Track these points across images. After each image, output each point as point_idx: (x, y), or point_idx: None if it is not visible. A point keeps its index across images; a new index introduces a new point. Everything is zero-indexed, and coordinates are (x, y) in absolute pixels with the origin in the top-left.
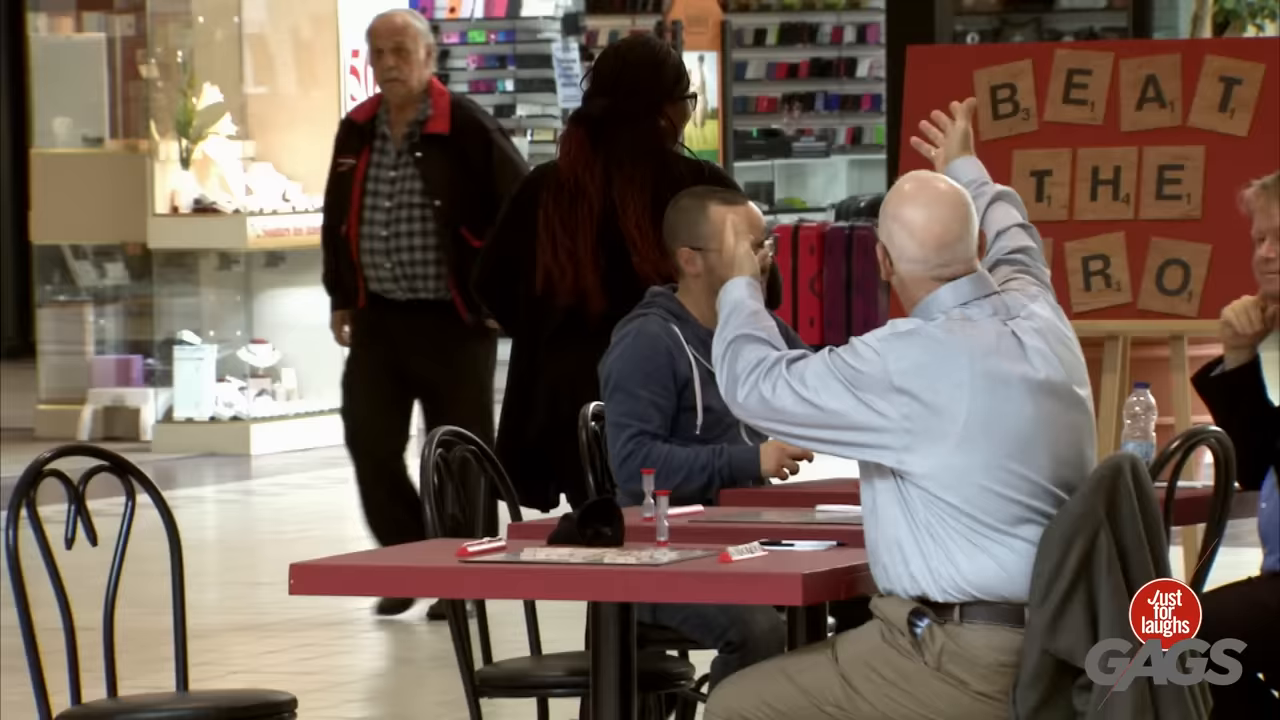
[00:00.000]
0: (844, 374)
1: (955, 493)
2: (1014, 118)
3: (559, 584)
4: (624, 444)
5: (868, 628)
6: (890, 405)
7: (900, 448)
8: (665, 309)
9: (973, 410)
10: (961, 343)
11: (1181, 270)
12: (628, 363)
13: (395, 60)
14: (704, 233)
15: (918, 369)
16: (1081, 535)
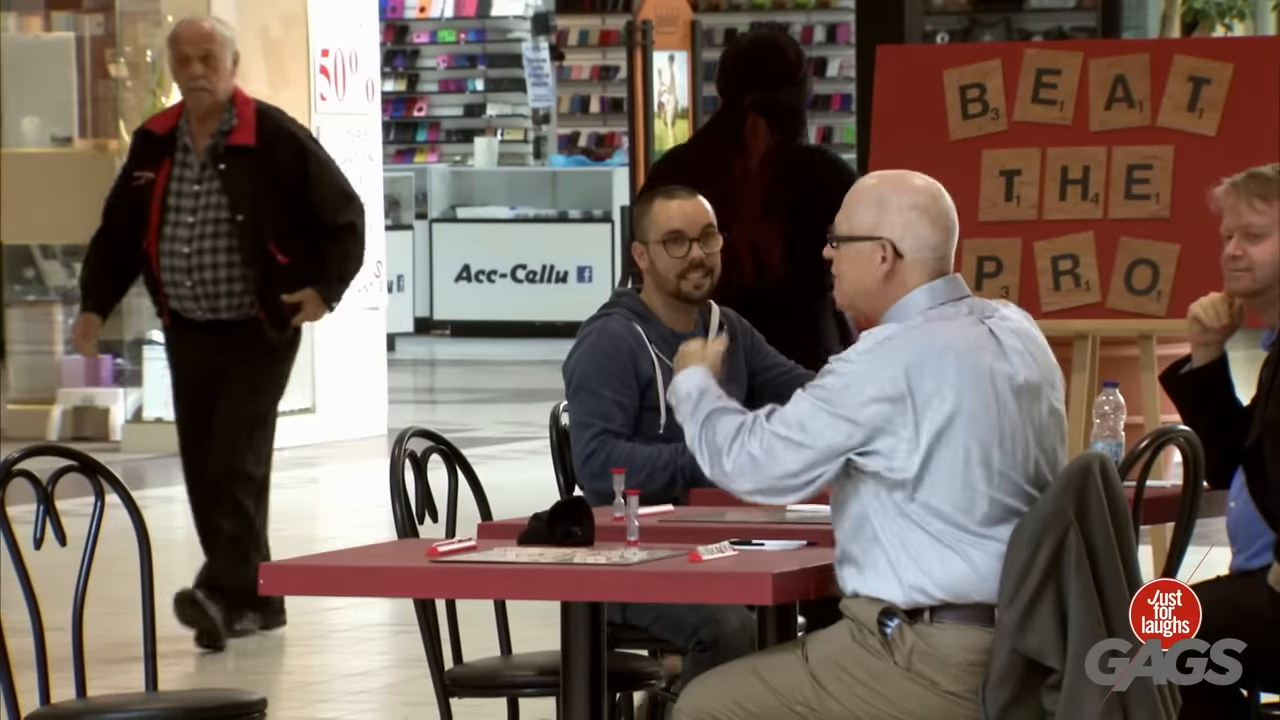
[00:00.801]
0: (830, 401)
1: (940, 492)
2: (983, 117)
3: (529, 584)
4: (587, 443)
5: (838, 627)
6: (882, 411)
7: (889, 450)
8: (629, 308)
9: (958, 407)
10: (946, 340)
11: (1150, 270)
12: (590, 362)
13: (203, 69)
14: (645, 227)
15: (906, 370)
16: (1051, 534)
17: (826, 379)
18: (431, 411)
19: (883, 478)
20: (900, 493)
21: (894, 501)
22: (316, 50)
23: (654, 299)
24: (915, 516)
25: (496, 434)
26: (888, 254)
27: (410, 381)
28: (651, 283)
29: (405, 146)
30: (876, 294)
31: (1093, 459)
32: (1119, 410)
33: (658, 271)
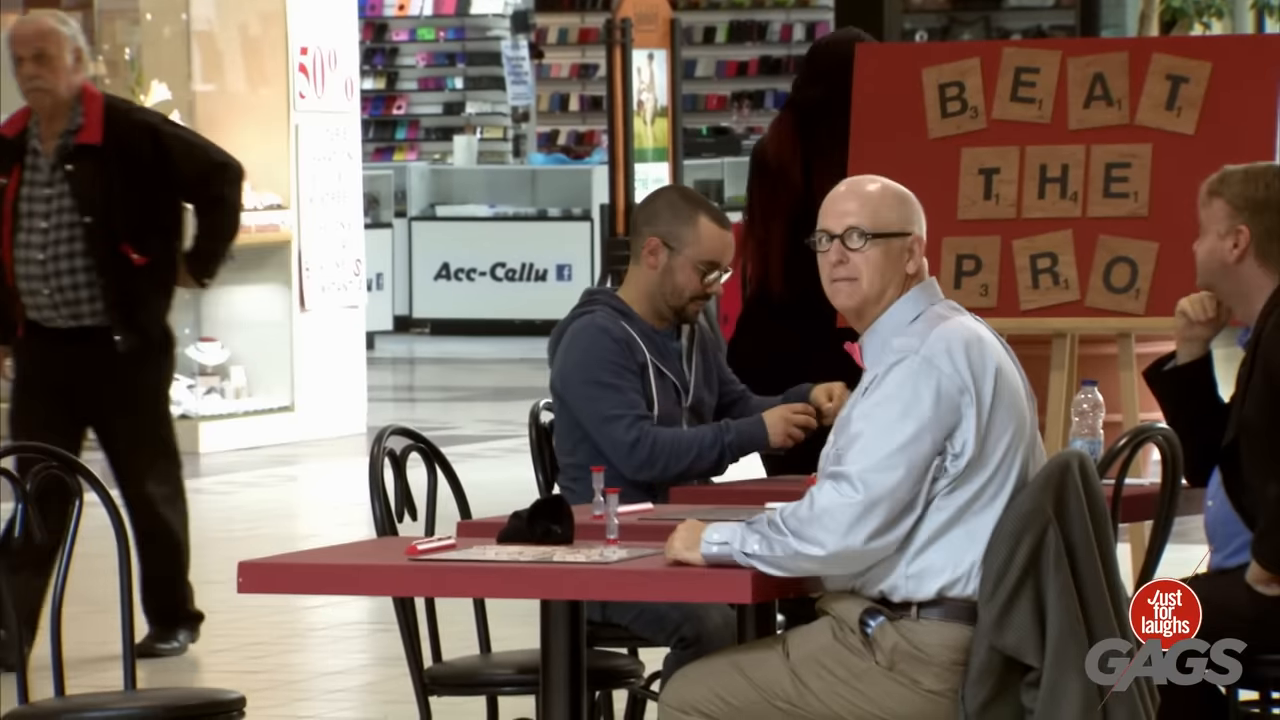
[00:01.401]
0: (905, 445)
1: (979, 469)
2: (962, 116)
3: (508, 582)
4: (626, 432)
5: (819, 625)
6: (951, 402)
7: (959, 442)
8: (609, 306)
9: (999, 389)
10: (969, 328)
11: (1129, 268)
12: (595, 358)
13: (37, 68)
14: (683, 236)
15: (957, 370)
16: (1030, 532)
17: (886, 428)
18: (411, 409)
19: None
20: (945, 472)
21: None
22: (295, 48)
23: (639, 298)
24: (946, 498)
25: (476, 432)
26: (916, 252)
27: (389, 379)
28: (653, 285)
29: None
30: (888, 296)
31: (1071, 457)
32: (1097, 408)
33: (674, 282)
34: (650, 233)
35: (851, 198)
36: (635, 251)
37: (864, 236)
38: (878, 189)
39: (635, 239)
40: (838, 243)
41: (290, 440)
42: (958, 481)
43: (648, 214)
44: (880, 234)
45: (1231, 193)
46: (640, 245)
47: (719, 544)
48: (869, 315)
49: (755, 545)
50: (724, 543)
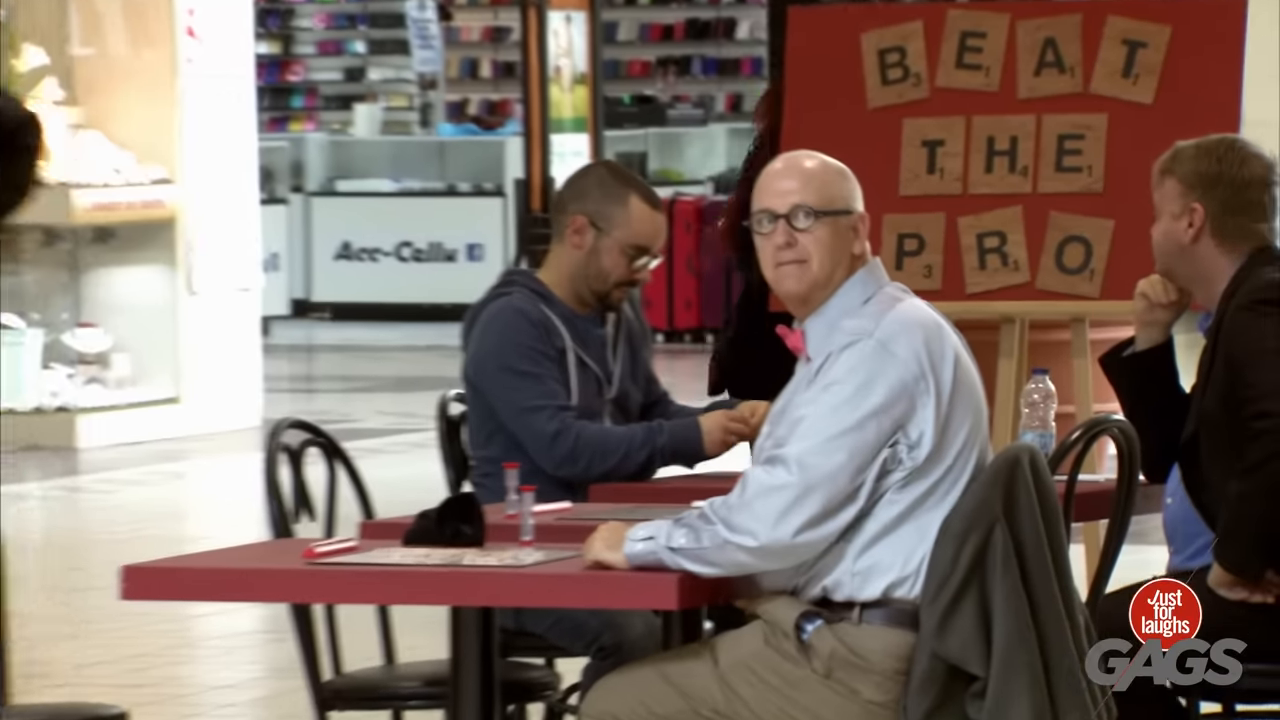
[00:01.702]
0: (850, 430)
1: (936, 462)
2: (904, 84)
3: (415, 587)
4: (547, 423)
5: (750, 629)
6: (907, 390)
7: (914, 433)
8: (528, 288)
9: (958, 377)
10: (926, 313)
11: (1082, 247)
12: (512, 342)
13: None
14: (613, 216)
15: (915, 356)
16: (976, 531)
17: (842, 407)
18: (309, 401)
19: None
20: (900, 463)
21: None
22: (183, 8)
23: (560, 280)
24: (899, 489)
25: (379, 425)
26: (861, 231)
27: (286, 369)
28: (576, 267)
29: (280, 114)
30: (836, 279)
31: (1021, 451)
32: (1049, 399)
33: (599, 265)
34: (577, 210)
35: (792, 175)
36: (559, 229)
37: (811, 215)
38: (818, 165)
39: (559, 216)
40: (782, 223)
41: (177, 434)
42: (914, 475)
43: (575, 190)
44: (828, 211)
45: (1183, 170)
46: (565, 223)
47: (643, 540)
48: (816, 300)
49: (682, 539)
50: (648, 538)
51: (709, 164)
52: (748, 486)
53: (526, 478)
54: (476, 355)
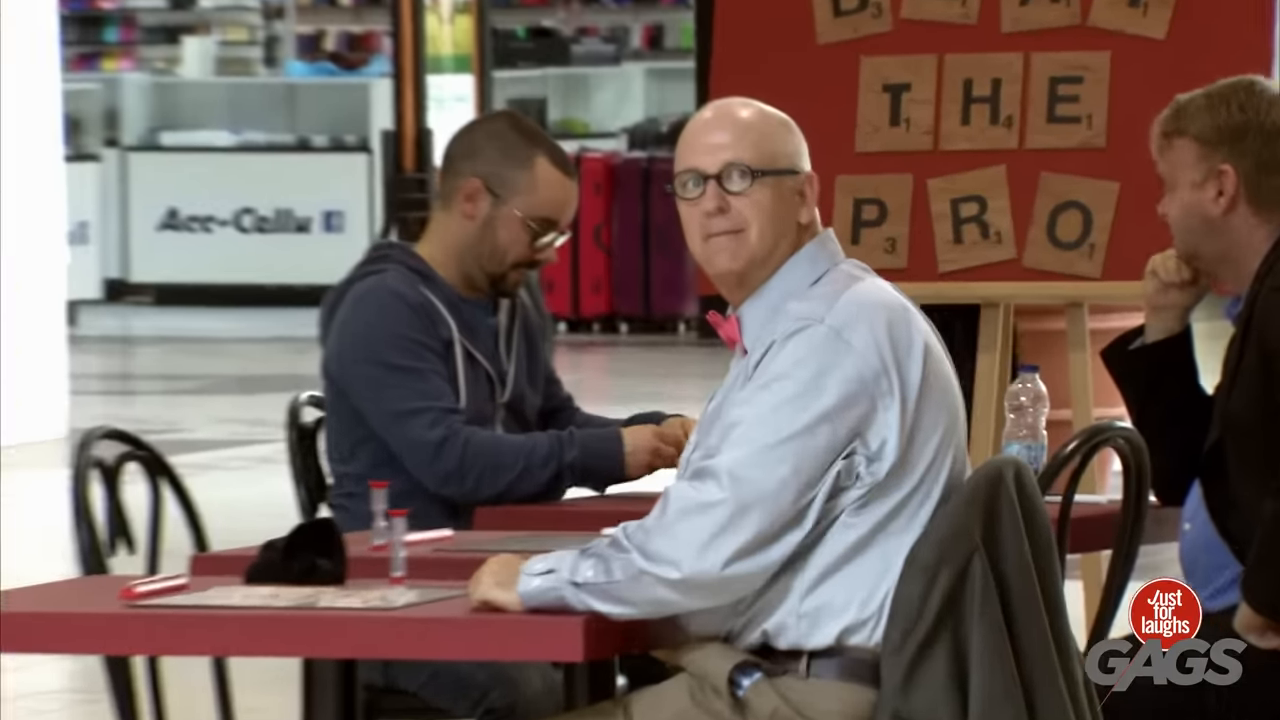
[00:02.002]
0: (796, 435)
1: (902, 476)
2: (861, 14)
3: (259, 636)
4: (429, 428)
5: (674, 684)
6: (864, 390)
7: (872, 441)
8: (404, 265)
9: (928, 374)
10: (890, 294)
11: (1080, 216)
12: (385, 331)
13: None
14: (514, 181)
15: (875, 347)
16: (949, 563)
17: (773, 387)
18: (126, 405)
19: (851, 482)
20: (859, 480)
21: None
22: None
23: (445, 257)
24: (862, 509)
25: (215, 435)
26: (809, 195)
27: (98, 365)
28: (466, 241)
29: (89, 49)
30: (779, 253)
31: (1005, 466)
32: (1040, 402)
33: (494, 241)
34: (470, 172)
35: (723, 127)
36: (446, 194)
37: (748, 175)
38: (755, 114)
39: (448, 178)
40: (713, 185)
41: None
42: (874, 493)
43: (468, 146)
44: (768, 171)
45: (1198, 126)
46: (454, 187)
47: (541, 575)
48: (754, 280)
49: (589, 572)
50: (547, 572)
51: (622, 112)
52: (669, 506)
53: (398, 499)
54: (340, 347)
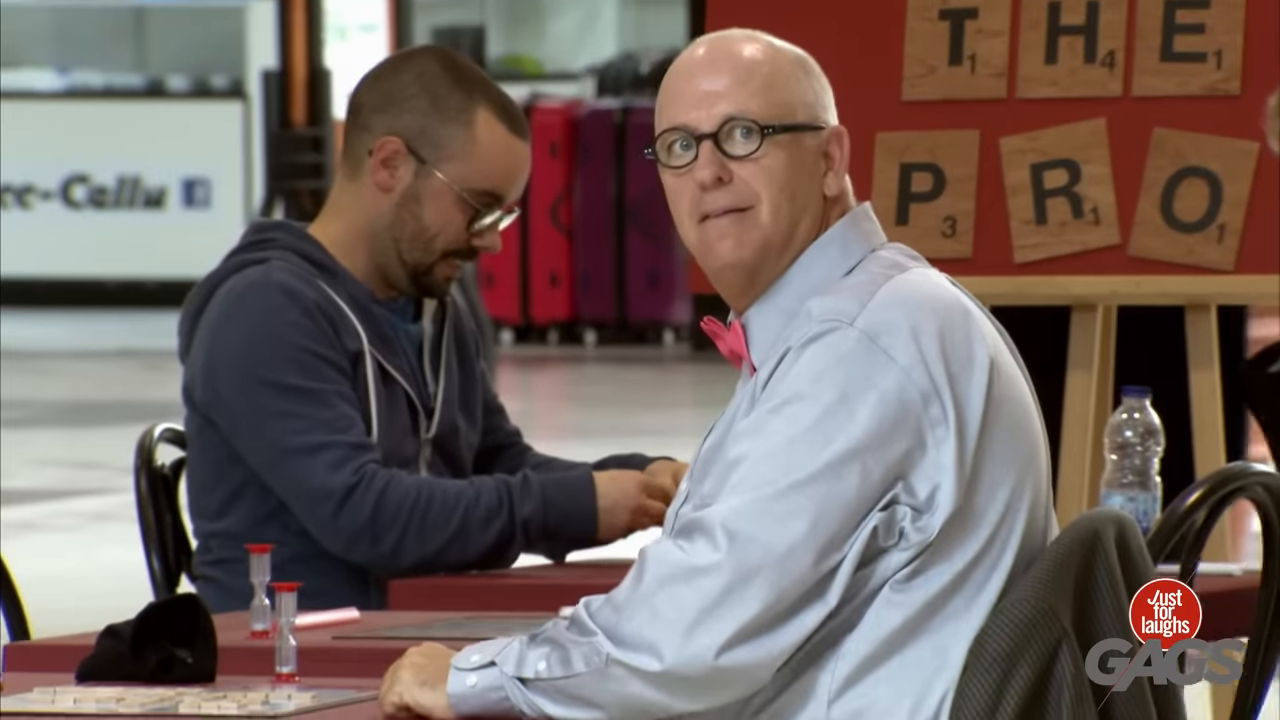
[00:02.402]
0: (816, 478)
1: (962, 538)
2: None
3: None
4: (330, 474)
5: None
6: (907, 424)
7: (920, 488)
8: (295, 251)
9: (994, 399)
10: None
11: (1206, 187)
12: (272, 339)
13: None
14: (446, 140)
15: (923, 361)
16: (1028, 656)
17: (785, 412)
18: None
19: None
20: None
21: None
22: None
23: (351, 242)
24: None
25: (34, 484)
26: (838, 158)
27: None
28: (380, 221)
29: None
30: (800, 236)
31: (1104, 525)
32: (1151, 438)
33: (419, 221)
34: (386, 128)
35: (720, 69)
36: (353, 158)
37: (756, 132)
38: (761, 51)
39: (355, 136)
40: (708, 147)
41: None
42: (926, 558)
43: (384, 94)
44: (783, 126)
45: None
46: (364, 149)
47: (478, 669)
48: (766, 275)
49: (542, 664)
50: (487, 665)
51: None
52: (646, 572)
53: (286, 568)
54: (209, 365)
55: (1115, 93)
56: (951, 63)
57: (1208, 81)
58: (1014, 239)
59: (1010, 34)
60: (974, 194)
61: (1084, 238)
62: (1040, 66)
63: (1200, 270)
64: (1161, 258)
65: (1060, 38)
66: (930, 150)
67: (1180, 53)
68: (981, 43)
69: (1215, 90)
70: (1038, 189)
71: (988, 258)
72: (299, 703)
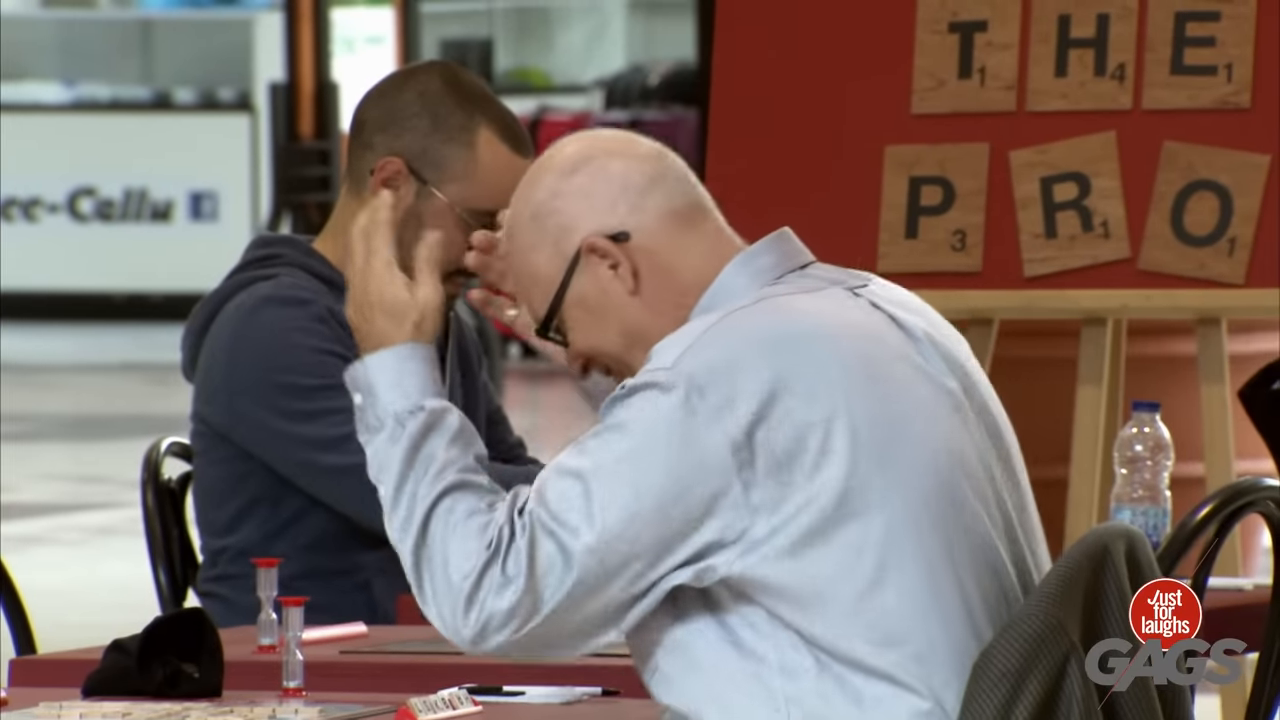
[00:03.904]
0: (627, 459)
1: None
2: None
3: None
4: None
5: None
6: (726, 461)
7: (743, 529)
8: (302, 267)
9: (860, 436)
10: (819, 325)
11: (1216, 201)
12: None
13: None
14: (448, 160)
15: (764, 382)
16: (1038, 669)
17: (617, 428)
18: None
19: (729, 583)
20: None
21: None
22: None
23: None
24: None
25: (40, 498)
26: (608, 259)
27: None
28: None
29: None
30: (648, 328)
31: (1113, 540)
32: (1161, 452)
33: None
34: (388, 148)
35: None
36: (356, 176)
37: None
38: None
39: (358, 155)
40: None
41: None
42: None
43: (386, 112)
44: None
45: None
46: (366, 167)
47: (395, 414)
48: (624, 363)
49: (406, 535)
50: (407, 416)
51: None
52: (502, 578)
53: (294, 583)
54: (221, 378)
55: (1125, 106)
56: (961, 76)
57: (1218, 94)
58: (1024, 252)
59: (1020, 47)
60: (983, 207)
61: (1094, 251)
62: (1050, 79)
63: (1210, 284)
64: (1172, 271)
65: (1070, 50)
66: (940, 163)
67: (1191, 65)
68: (991, 55)
69: (1226, 103)
70: (1047, 202)
71: (997, 271)
72: (306, 717)
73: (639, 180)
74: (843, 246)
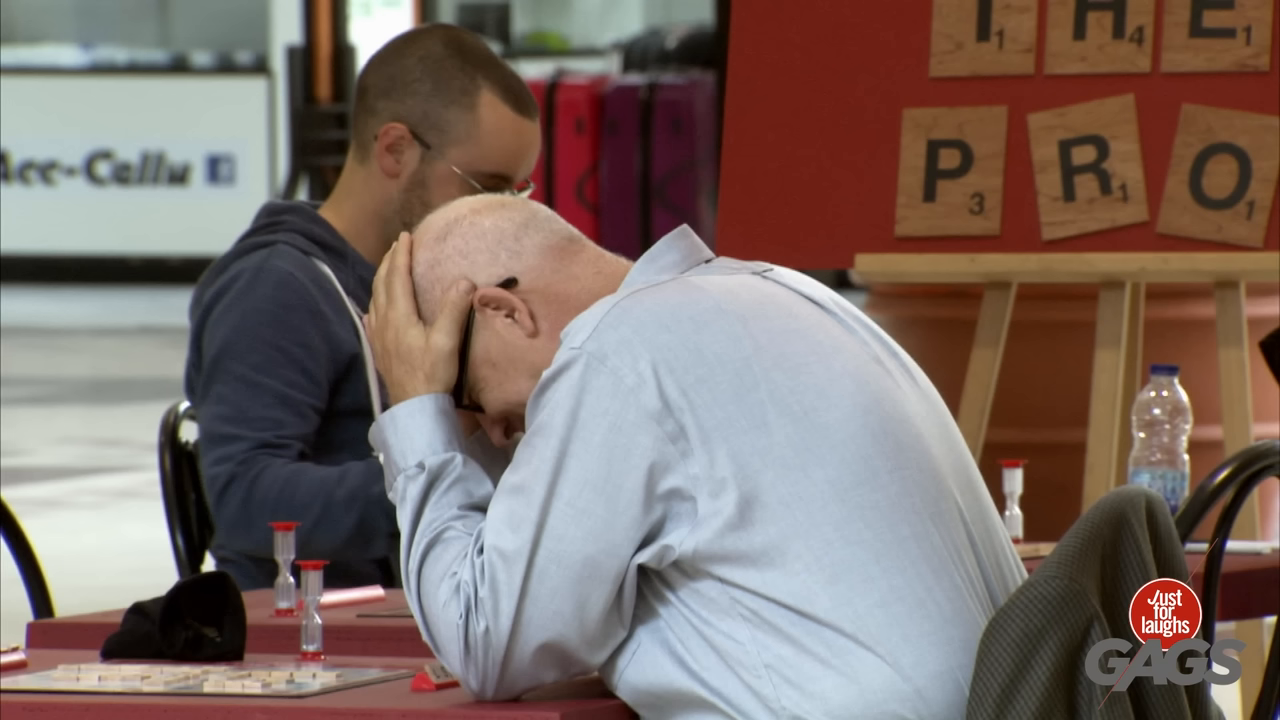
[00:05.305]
0: (559, 458)
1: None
2: None
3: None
4: (217, 465)
5: None
6: (654, 431)
7: (692, 507)
8: (304, 233)
9: (782, 397)
10: (720, 293)
11: (1235, 164)
12: (242, 328)
13: None
14: (451, 124)
15: (667, 369)
16: (1055, 634)
17: (531, 447)
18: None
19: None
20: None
21: (688, 583)
22: None
23: (359, 224)
24: (765, 627)
25: (58, 461)
26: (514, 304)
27: None
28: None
29: None
30: (536, 354)
31: (1131, 503)
32: (1179, 416)
33: (425, 206)
34: (391, 114)
35: None
36: (361, 142)
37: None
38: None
39: (362, 120)
40: None
41: None
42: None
43: (388, 77)
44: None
45: None
46: (370, 133)
47: (404, 469)
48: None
49: (417, 553)
50: (419, 474)
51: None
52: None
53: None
54: (218, 345)
55: (1144, 69)
56: (979, 39)
57: (1237, 57)
58: (1042, 216)
59: (1038, 9)
60: (1002, 170)
61: (1112, 215)
62: (1069, 42)
63: (1229, 247)
64: (1190, 235)
65: (1089, 13)
66: (958, 126)
67: (1209, 28)
68: (1010, 18)
69: (1244, 66)
70: (1066, 165)
71: (1015, 235)
72: (324, 681)
73: (510, 228)
74: (860, 210)
